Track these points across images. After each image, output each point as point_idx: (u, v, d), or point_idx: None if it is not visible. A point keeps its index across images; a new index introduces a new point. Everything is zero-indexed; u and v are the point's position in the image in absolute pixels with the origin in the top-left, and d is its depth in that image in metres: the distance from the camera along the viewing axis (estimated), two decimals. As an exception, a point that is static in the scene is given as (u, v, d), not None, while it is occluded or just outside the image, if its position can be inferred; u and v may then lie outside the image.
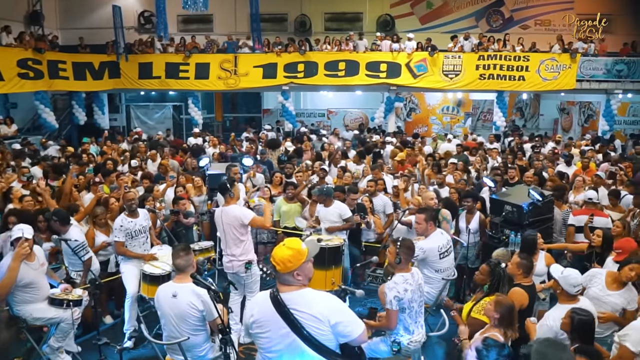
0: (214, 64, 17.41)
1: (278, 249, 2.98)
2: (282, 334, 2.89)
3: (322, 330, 2.87)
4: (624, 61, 17.00)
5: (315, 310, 2.88)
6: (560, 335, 4.07)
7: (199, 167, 9.08)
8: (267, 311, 2.92)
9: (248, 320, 3.03)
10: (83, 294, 5.19)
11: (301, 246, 3.01)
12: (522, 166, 10.78)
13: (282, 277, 2.94)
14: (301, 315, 2.87)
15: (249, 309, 3.06)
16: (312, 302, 2.92)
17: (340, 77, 17.49)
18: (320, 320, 2.87)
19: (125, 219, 5.85)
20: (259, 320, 2.95)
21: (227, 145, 13.32)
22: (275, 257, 2.95)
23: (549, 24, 21.54)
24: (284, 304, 2.88)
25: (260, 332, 2.96)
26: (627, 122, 19.68)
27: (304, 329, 2.85)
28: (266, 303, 2.94)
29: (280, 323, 2.88)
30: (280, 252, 2.94)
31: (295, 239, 3.04)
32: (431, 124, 21.64)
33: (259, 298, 3.08)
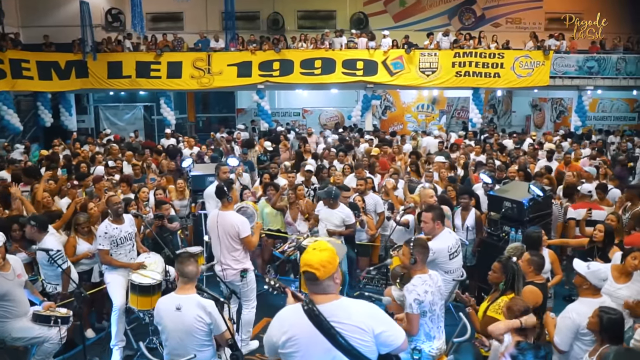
0: (186, 62, 16.89)
1: (311, 254, 2.68)
2: (322, 350, 2.60)
3: (366, 342, 2.61)
4: (595, 58, 17.34)
5: (357, 320, 2.62)
6: (581, 329, 3.95)
7: (182, 168, 8.66)
8: (302, 327, 2.61)
9: (277, 339, 2.66)
10: (68, 312, 4.75)
11: (331, 246, 2.76)
12: (505, 162, 10.83)
13: (319, 286, 2.64)
14: (343, 328, 2.59)
15: (278, 327, 2.68)
16: (352, 311, 2.66)
17: (317, 75, 17.24)
18: (364, 331, 2.61)
19: (109, 225, 5.42)
20: (294, 338, 2.62)
21: (205, 146, 12.87)
22: (312, 263, 2.63)
23: (520, 21, 21.88)
24: (324, 317, 2.59)
25: (294, 351, 2.63)
26: (596, 118, 20.13)
27: (348, 342, 2.58)
28: (300, 318, 2.62)
29: (320, 339, 2.58)
30: (317, 256, 2.65)
31: (321, 241, 2.75)
32: (406, 121, 21.64)
33: (287, 313, 2.73)
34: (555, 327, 4.11)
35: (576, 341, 4.04)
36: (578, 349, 3.98)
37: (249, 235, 5.24)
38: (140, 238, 6.43)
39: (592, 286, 4.09)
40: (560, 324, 4.08)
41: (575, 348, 4.00)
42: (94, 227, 6.32)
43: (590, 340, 3.94)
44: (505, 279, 4.32)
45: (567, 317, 4.05)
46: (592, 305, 4.02)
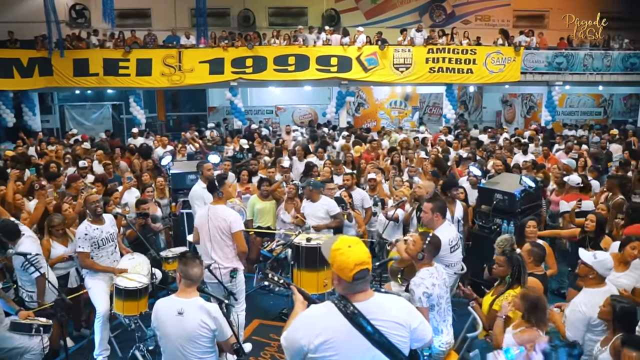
0: (156, 59, 16.39)
1: (356, 251, 2.43)
2: (362, 351, 2.40)
3: (404, 338, 2.47)
4: (563, 54, 17.68)
5: (395, 316, 2.47)
6: (592, 321, 3.91)
7: (161, 166, 8.30)
8: (339, 328, 2.40)
9: (307, 343, 2.40)
10: (47, 321, 4.39)
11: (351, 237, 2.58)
12: (482, 157, 10.89)
13: (348, 285, 2.43)
14: (383, 325, 2.42)
15: (307, 330, 2.42)
16: (388, 307, 2.50)
17: (291, 72, 17.00)
18: (402, 327, 2.47)
19: (89, 226, 5.07)
20: (330, 341, 2.38)
21: (181, 144, 12.47)
22: (364, 259, 2.42)
23: (489, 19, 22.18)
24: (363, 316, 2.40)
25: (331, 355, 2.40)
26: (564, 113, 20.55)
27: (388, 340, 2.42)
28: (336, 319, 2.41)
29: (359, 339, 2.39)
30: (362, 250, 2.45)
31: (347, 238, 2.54)
32: (380, 118, 21.59)
33: (317, 314, 2.49)
34: (566, 322, 4.04)
35: (587, 332, 4.00)
36: (588, 339, 3.94)
37: (241, 231, 4.98)
38: (120, 239, 6.08)
39: (598, 275, 4.05)
40: (571, 318, 4.02)
41: (586, 339, 3.94)
42: (69, 229, 5.98)
43: (601, 331, 3.91)
44: (512, 271, 4.22)
45: (576, 310, 4.00)
46: (599, 295, 4.00)
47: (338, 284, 2.46)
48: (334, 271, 2.44)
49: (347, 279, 2.40)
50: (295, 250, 5.67)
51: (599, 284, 4.05)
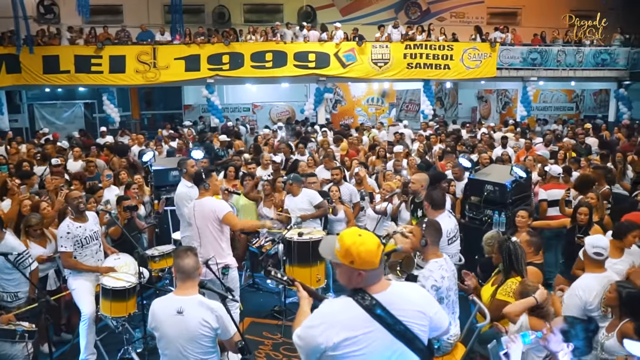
0: (130, 56, 15.96)
1: (367, 237, 2.32)
2: (384, 345, 2.27)
3: (424, 327, 2.36)
4: (537, 50, 17.95)
5: (416, 304, 2.36)
6: (588, 306, 3.92)
7: (142, 162, 8.02)
8: (360, 322, 2.25)
9: (325, 341, 2.23)
10: (31, 326, 4.13)
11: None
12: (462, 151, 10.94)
13: (374, 274, 2.31)
14: (404, 315, 2.30)
15: (325, 327, 2.25)
16: (408, 295, 2.39)
17: (268, 69, 16.79)
18: (423, 315, 2.36)
19: (72, 224, 4.82)
20: (351, 337, 2.23)
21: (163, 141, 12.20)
22: (375, 242, 2.31)
23: (463, 16, 22.41)
24: (384, 307, 2.28)
25: (353, 351, 2.24)
26: (538, 108, 20.85)
27: (411, 330, 2.30)
28: (355, 312, 2.27)
29: (381, 332, 2.26)
30: (371, 236, 2.33)
31: (346, 231, 2.41)
32: (357, 115, 21.56)
33: (335, 310, 2.32)
34: (563, 306, 4.03)
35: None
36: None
37: (229, 212, 4.82)
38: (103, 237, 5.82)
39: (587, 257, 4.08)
40: (568, 302, 4.02)
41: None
42: (47, 229, 5.70)
43: (598, 316, 3.91)
44: (502, 260, 4.17)
45: (573, 295, 3.99)
46: (597, 280, 4.02)
47: (358, 278, 2.30)
48: (357, 267, 2.28)
49: (374, 266, 2.28)
50: (287, 246, 5.52)
51: (599, 269, 4.06)
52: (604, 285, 3.99)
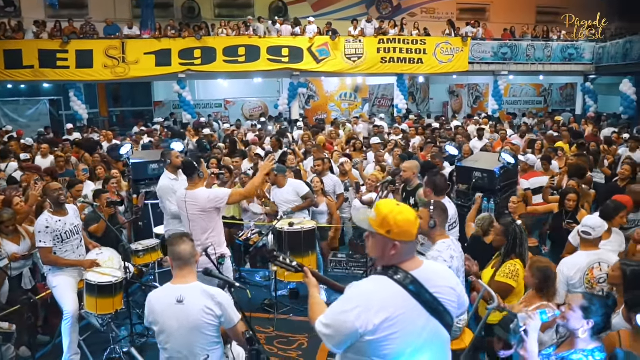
0: (97, 50, 15.43)
1: (405, 207, 2.22)
2: (422, 324, 2.15)
3: (455, 304, 2.27)
4: (508, 45, 18.23)
5: (449, 281, 2.28)
6: (570, 281, 3.99)
7: (119, 155, 7.70)
8: (398, 301, 2.12)
9: (364, 324, 2.07)
10: (10, 327, 3.86)
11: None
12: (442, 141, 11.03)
13: (409, 248, 2.20)
14: (439, 291, 2.20)
15: (362, 309, 2.09)
16: (441, 272, 2.31)
17: (241, 63, 16.52)
18: (454, 292, 2.27)
19: (51, 217, 4.53)
20: (392, 317, 2.08)
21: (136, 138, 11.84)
22: (413, 212, 2.21)
23: (434, 11, 22.62)
24: (421, 284, 2.16)
25: (392, 333, 2.10)
26: (508, 102, 21.22)
27: (445, 308, 2.21)
28: (393, 291, 2.14)
29: (418, 310, 2.14)
30: (408, 207, 2.22)
31: (382, 201, 2.30)
32: (330, 110, 21.47)
33: (372, 288, 2.18)
34: None
35: (569, 294, 4.00)
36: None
37: (231, 191, 4.64)
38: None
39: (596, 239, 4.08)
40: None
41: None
42: (21, 225, 5.39)
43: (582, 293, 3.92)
44: (506, 243, 4.13)
45: (558, 271, 4.01)
46: (584, 257, 4.10)
47: (392, 251, 2.17)
48: (394, 237, 2.16)
49: (411, 238, 2.17)
50: (278, 237, 5.36)
51: (593, 247, 4.12)
52: (590, 262, 4.03)
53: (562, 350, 3.02)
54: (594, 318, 2.83)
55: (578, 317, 2.82)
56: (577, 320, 2.84)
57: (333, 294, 5.75)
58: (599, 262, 3.95)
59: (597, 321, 2.83)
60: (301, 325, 5.38)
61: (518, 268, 3.98)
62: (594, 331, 2.85)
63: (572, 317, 2.82)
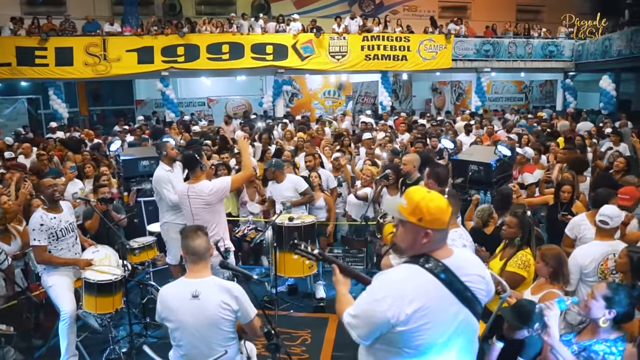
0: (78, 48, 15.10)
1: (436, 194, 2.15)
2: (453, 313, 2.09)
3: (484, 292, 2.20)
4: (490, 42, 18.41)
5: (477, 269, 2.21)
6: (584, 269, 4.00)
7: (109, 151, 7.50)
8: (431, 289, 2.06)
9: (396, 314, 2.01)
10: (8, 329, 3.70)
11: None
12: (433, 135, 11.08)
13: (440, 236, 2.14)
14: (470, 280, 2.13)
15: (397, 297, 2.02)
16: (470, 259, 2.24)
17: (225, 61, 16.36)
18: (483, 280, 2.19)
19: (45, 215, 4.36)
20: (425, 306, 2.02)
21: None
22: (445, 200, 2.15)
23: (416, 9, 22.78)
24: (453, 272, 2.10)
25: (424, 323, 2.04)
26: (490, 99, 21.41)
27: (476, 296, 2.14)
28: (425, 279, 2.08)
29: (450, 299, 2.08)
30: (439, 194, 2.15)
31: (412, 188, 2.24)
32: (314, 108, 21.41)
33: (404, 276, 2.10)
34: None
35: (581, 283, 4.08)
36: (582, 291, 4.01)
37: (232, 177, 4.57)
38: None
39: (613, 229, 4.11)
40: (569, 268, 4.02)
41: (580, 290, 4.04)
42: (10, 224, 5.21)
43: (594, 281, 3.95)
44: (522, 233, 4.13)
45: (572, 258, 4.04)
46: (598, 247, 4.09)
47: (424, 239, 2.11)
48: (426, 225, 2.10)
49: (443, 225, 2.11)
50: (278, 232, 5.27)
51: (609, 237, 4.12)
52: (605, 252, 4.04)
53: (583, 338, 3.01)
54: (617, 308, 2.80)
55: (600, 306, 2.80)
56: (599, 310, 2.83)
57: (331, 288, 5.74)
58: (614, 254, 3.95)
59: (620, 311, 2.81)
60: (302, 321, 5.32)
61: (529, 258, 3.98)
62: (615, 321, 2.85)
63: (594, 306, 2.81)
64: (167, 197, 5.22)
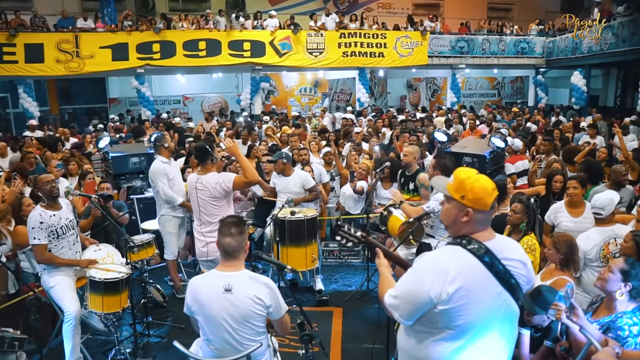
0: (49, 44, 14.62)
1: (484, 177, 2.16)
2: (493, 295, 2.10)
3: (525, 278, 2.20)
4: (465, 39, 18.70)
5: (519, 255, 2.21)
6: (587, 255, 4.10)
7: (98, 149, 7.28)
8: (473, 270, 2.07)
9: (437, 292, 2.02)
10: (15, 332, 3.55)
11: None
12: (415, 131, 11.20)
13: (482, 218, 2.14)
14: (512, 265, 2.14)
15: (439, 277, 2.04)
16: (511, 244, 2.24)
17: (202, 58, 16.13)
18: (525, 266, 2.19)
19: (44, 212, 4.19)
20: (466, 287, 2.03)
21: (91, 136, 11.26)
22: (492, 183, 2.14)
23: (390, 6, 22.92)
24: (495, 255, 2.10)
25: (465, 303, 2.04)
26: (464, 95, 21.79)
27: (517, 281, 2.15)
28: (467, 260, 2.08)
29: (491, 282, 2.09)
30: (485, 181, 2.15)
31: (461, 168, 2.24)
32: (290, 105, 21.38)
33: (447, 257, 2.12)
34: None
35: (586, 267, 4.17)
36: (587, 276, 4.13)
37: (235, 176, 4.48)
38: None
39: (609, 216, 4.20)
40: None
41: (584, 275, 4.15)
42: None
43: (597, 266, 4.09)
44: (527, 219, 4.21)
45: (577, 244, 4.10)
46: (599, 232, 4.20)
47: (467, 221, 2.13)
48: (468, 204, 2.11)
49: (485, 207, 2.11)
50: (280, 226, 5.22)
51: (608, 223, 4.23)
52: (606, 237, 4.16)
53: (600, 315, 3.11)
54: (633, 282, 2.93)
55: (617, 279, 2.92)
56: (615, 283, 2.95)
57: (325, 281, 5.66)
58: (615, 238, 4.07)
59: (635, 285, 2.93)
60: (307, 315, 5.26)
61: (535, 242, 4.07)
62: (631, 294, 2.96)
63: (611, 279, 2.93)
64: (161, 189, 5.28)
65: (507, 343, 2.20)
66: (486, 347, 2.11)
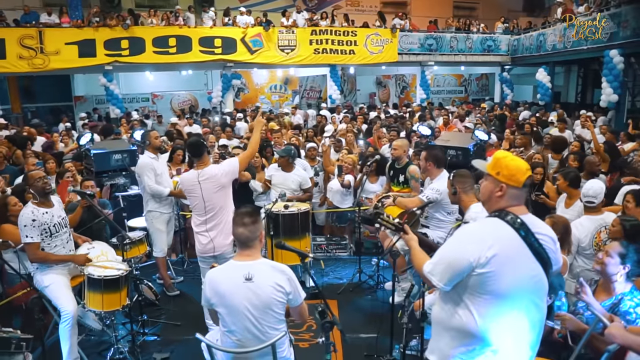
0: (10, 39, 14.10)
1: (517, 160, 2.32)
2: (527, 266, 2.23)
3: (555, 255, 2.34)
4: (433, 36, 19.03)
5: (550, 232, 2.34)
6: (581, 243, 4.29)
7: (79, 145, 7.07)
8: (509, 240, 2.21)
9: (477, 256, 2.16)
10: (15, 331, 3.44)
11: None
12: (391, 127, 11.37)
13: (515, 194, 2.30)
14: (544, 239, 2.28)
15: (479, 243, 2.19)
16: (541, 221, 2.38)
17: (172, 54, 15.86)
18: (554, 243, 2.34)
19: (36, 209, 4.06)
20: (503, 254, 2.17)
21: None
22: (526, 163, 2.32)
23: (358, 4, 23.09)
24: (529, 228, 2.23)
25: (500, 269, 2.18)
26: (433, 92, 22.14)
27: (549, 255, 2.28)
28: (505, 230, 2.22)
29: (525, 252, 2.23)
30: (520, 161, 2.32)
31: (500, 151, 2.39)
32: (261, 103, 21.26)
33: (486, 227, 2.28)
34: None
35: (577, 255, 4.36)
36: (576, 262, 4.35)
37: (241, 157, 4.49)
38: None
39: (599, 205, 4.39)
40: None
41: (574, 262, 4.35)
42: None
43: (590, 254, 4.29)
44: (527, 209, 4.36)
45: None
46: (591, 221, 4.38)
47: (501, 195, 2.29)
48: (502, 179, 2.28)
49: (518, 184, 2.28)
50: (274, 220, 5.22)
51: (596, 212, 4.40)
52: (597, 226, 4.35)
53: (599, 299, 3.25)
54: (629, 263, 3.09)
55: (616, 262, 3.08)
56: (615, 266, 3.11)
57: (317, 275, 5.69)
58: (605, 226, 4.25)
59: (631, 266, 3.09)
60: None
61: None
62: (628, 275, 3.12)
63: (610, 263, 3.08)
64: (147, 184, 5.30)
65: (539, 313, 2.31)
66: (519, 316, 2.23)
